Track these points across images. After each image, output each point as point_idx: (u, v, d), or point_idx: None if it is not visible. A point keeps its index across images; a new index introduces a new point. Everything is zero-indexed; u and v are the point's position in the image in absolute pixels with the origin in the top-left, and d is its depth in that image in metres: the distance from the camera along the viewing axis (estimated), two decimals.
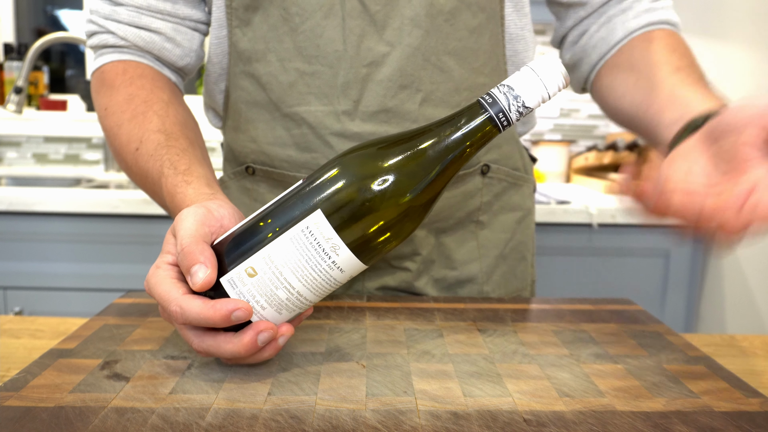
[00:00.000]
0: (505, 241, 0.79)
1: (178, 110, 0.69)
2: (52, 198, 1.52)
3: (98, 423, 0.42)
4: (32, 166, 2.11)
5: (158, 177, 0.61)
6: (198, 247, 0.48)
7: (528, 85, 0.48)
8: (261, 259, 0.47)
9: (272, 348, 0.49)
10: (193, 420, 0.43)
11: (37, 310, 1.56)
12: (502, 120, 0.48)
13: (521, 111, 0.48)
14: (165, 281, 0.48)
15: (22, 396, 0.45)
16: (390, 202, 0.47)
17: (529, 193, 0.82)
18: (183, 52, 0.74)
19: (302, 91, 0.69)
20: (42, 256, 1.56)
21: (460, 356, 0.55)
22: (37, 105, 2.14)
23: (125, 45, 0.72)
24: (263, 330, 0.47)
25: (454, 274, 0.77)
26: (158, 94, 0.69)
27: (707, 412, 0.45)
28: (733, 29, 1.61)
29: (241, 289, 0.48)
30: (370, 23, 0.67)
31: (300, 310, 0.50)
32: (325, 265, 0.47)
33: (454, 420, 0.43)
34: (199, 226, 0.50)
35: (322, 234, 0.47)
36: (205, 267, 0.47)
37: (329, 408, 0.45)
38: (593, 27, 0.76)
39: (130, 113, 0.67)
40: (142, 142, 0.64)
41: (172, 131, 0.65)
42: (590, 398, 0.47)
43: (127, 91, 0.69)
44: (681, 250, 1.70)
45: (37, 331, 0.64)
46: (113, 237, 1.56)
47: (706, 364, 0.55)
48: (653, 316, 0.67)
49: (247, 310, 0.46)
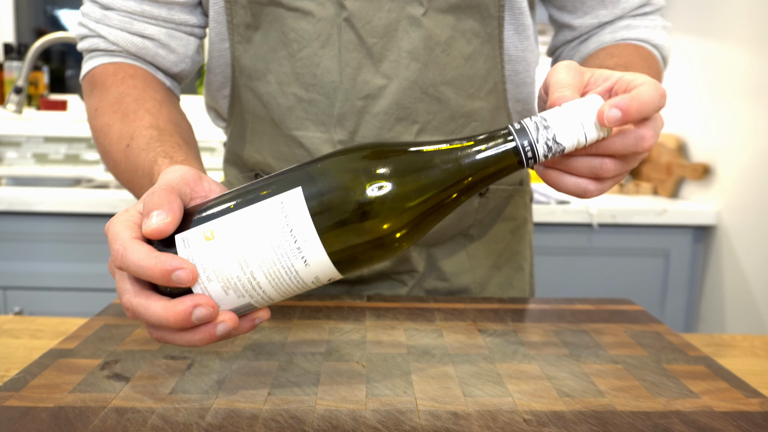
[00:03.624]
0: (497, 251, 0.79)
1: (171, 110, 0.66)
2: (52, 198, 1.52)
3: (98, 423, 0.42)
4: (32, 166, 2.11)
5: (150, 166, 0.56)
6: (167, 195, 0.43)
7: (566, 122, 0.42)
8: (223, 224, 0.42)
9: (206, 333, 0.43)
10: (193, 420, 0.42)
11: (37, 310, 1.56)
12: (527, 151, 0.43)
13: (551, 147, 0.43)
14: (121, 223, 0.44)
15: (22, 396, 0.45)
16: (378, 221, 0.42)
17: (523, 203, 0.82)
18: (178, 58, 0.71)
19: (300, 116, 0.69)
20: (42, 256, 1.56)
21: (460, 356, 0.55)
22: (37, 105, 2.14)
23: (116, 50, 0.69)
24: (202, 305, 0.41)
25: (445, 286, 0.78)
26: (150, 93, 0.65)
27: (707, 412, 0.45)
28: (731, 29, 1.61)
29: (192, 251, 0.42)
30: (366, 56, 0.67)
31: (250, 300, 0.43)
32: (289, 249, 0.41)
33: (454, 420, 0.43)
34: (180, 182, 0.45)
35: (294, 213, 0.41)
36: (164, 214, 0.42)
37: (329, 408, 0.45)
38: (575, 41, 0.77)
39: (121, 112, 0.63)
40: (133, 138, 0.60)
41: (165, 128, 0.61)
42: (590, 398, 0.47)
43: (118, 90, 0.66)
44: (681, 250, 1.70)
45: (37, 331, 0.64)
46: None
47: (706, 364, 0.55)
48: (653, 316, 0.67)
49: (191, 272, 0.41)
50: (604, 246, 1.67)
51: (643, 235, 1.67)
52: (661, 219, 1.65)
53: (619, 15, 0.72)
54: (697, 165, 1.72)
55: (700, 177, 1.71)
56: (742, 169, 1.59)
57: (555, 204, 1.61)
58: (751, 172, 1.55)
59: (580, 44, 0.76)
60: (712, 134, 1.71)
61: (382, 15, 0.66)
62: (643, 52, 0.70)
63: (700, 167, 1.71)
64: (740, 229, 1.59)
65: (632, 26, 0.72)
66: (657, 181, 1.87)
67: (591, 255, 1.67)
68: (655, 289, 1.71)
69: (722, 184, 1.66)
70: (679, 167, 1.78)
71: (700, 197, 1.74)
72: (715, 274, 1.68)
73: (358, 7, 0.65)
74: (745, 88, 1.57)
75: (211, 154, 2.06)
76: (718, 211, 1.66)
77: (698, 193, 1.75)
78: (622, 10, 0.72)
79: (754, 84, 1.54)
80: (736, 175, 1.61)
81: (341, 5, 0.65)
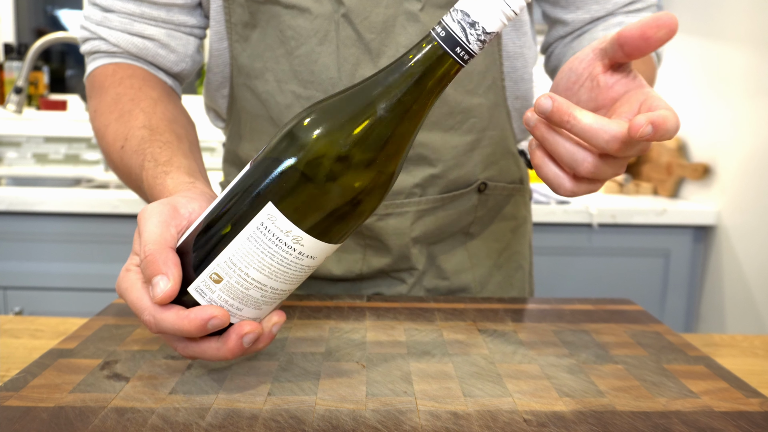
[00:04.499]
0: (498, 250, 0.79)
1: (167, 107, 0.66)
2: (52, 198, 1.52)
3: (98, 423, 0.42)
4: (32, 166, 2.11)
5: (139, 171, 0.59)
6: (161, 256, 0.44)
7: (484, 5, 0.41)
8: (223, 263, 0.44)
9: (265, 340, 0.46)
10: (193, 420, 0.42)
11: (37, 310, 1.56)
12: (461, 55, 0.41)
13: (482, 39, 0.41)
14: (135, 287, 0.45)
15: (22, 396, 0.45)
16: (345, 181, 0.42)
17: (523, 202, 0.82)
18: (178, 57, 0.72)
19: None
20: (42, 256, 1.56)
21: (460, 356, 0.55)
22: (37, 105, 2.14)
23: (118, 51, 0.70)
24: (247, 333, 0.44)
25: (445, 284, 0.78)
26: (147, 92, 0.66)
27: (707, 412, 0.45)
28: (731, 29, 1.61)
29: (210, 296, 0.44)
30: (364, 51, 0.67)
31: (282, 299, 0.47)
32: (292, 258, 0.43)
33: (454, 420, 0.43)
34: (163, 229, 0.46)
35: (279, 228, 0.42)
36: (166, 279, 0.43)
37: (329, 408, 0.45)
38: (568, 38, 0.77)
39: (117, 112, 0.65)
40: (127, 140, 0.62)
41: (157, 126, 0.62)
42: (590, 398, 0.47)
43: (116, 91, 0.67)
44: (681, 250, 1.70)
45: (36, 331, 0.64)
46: (113, 237, 1.56)
47: (705, 363, 0.55)
48: (653, 316, 0.67)
49: (222, 317, 0.43)
50: (604, 246, 1.67)
51: (643, 235, 1.67)
52: (661, 219, 1.65)
53: (610, 10, 0.72)
54: (697, 165, 1.72)
55: (700, 177, 1.71)
56: (742, 169, 1.59)
57: (555, 204, 1.61)
58: (752, 171, 1.55)
59: (572, 41, 0.76)
60: (712, 134, 1.71)
61: (379, 11, 0.66)
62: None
63: (700, 167, 1.71)
64: (740, 229, 1.59)
65: (624, 24, 0.72)
66: (657, 181, 1.87)
67: (591, 255, 1.67)
68: (655, 289, 1.71)
69: (722, 184, 1.66)
70: (679, 167, 1.78)
71: (700, 197, 1.74)
72: (715, 274, 1.68)
73: (356, 3, 0.65)
74: (745, 88, 1.57)
75: (210, 154, 2.06)
76: (719, 211, 1.66)
77: (698, 193, 1.75)
78: (613, 5, 0.72)
79: (755, 83, 1.54)
80: (737, 175, 1.61)
81: (339, 1, 0.65)
